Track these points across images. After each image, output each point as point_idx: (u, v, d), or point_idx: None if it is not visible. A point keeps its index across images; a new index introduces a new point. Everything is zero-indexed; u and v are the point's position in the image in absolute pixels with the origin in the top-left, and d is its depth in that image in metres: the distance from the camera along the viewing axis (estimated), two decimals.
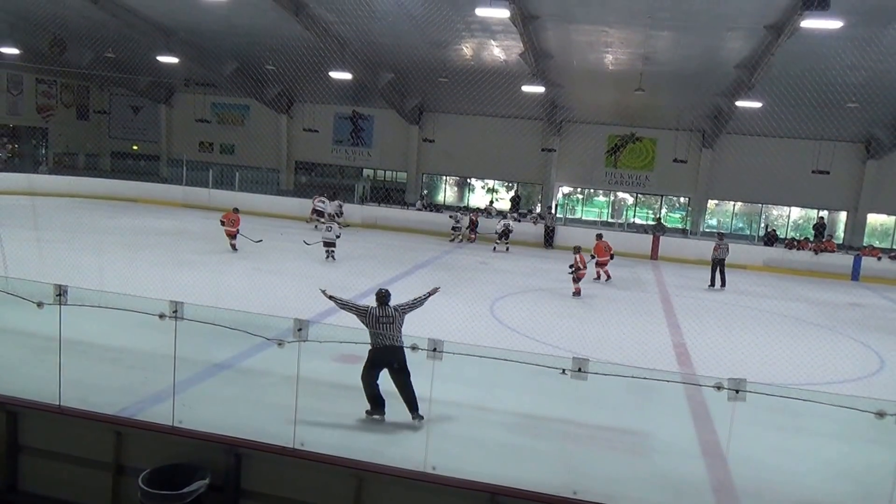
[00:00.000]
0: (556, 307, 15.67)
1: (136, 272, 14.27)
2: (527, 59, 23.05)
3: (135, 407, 7.06)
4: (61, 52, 29.36)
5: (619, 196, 32.90)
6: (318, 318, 11.61)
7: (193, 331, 6.46)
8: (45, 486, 6.34)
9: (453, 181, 35.48)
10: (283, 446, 6.01)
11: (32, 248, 14.31)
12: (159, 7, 24.59)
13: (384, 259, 20.21)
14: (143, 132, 37.95)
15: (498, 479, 5.74)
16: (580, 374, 5.85)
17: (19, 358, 8.61)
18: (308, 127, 32.76)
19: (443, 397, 7.36)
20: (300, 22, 22.85)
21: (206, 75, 31.05)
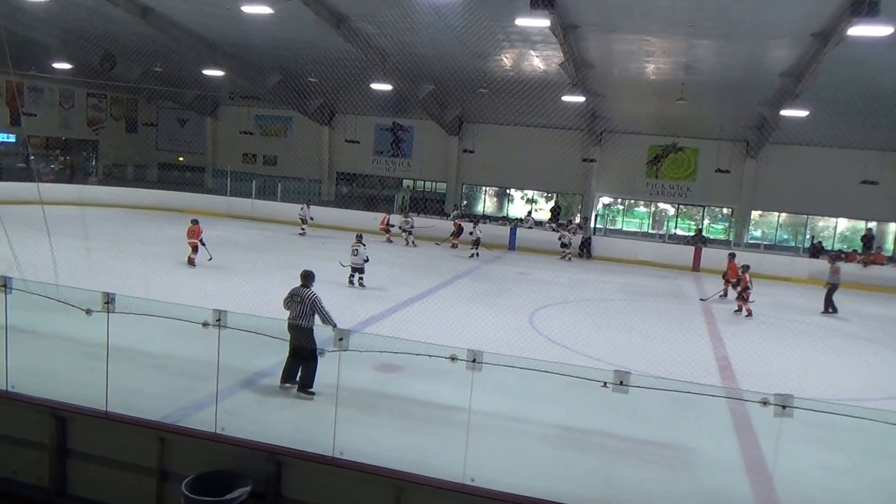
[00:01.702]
0: (597, 319, 15.52)
1: (181, 281, 14.57)
2: (567, 68, 22.96)
3: (178, 413, 7.18)
4: (111, 66, 30.21)
5: (660, 207, 32.51)
6: (358, 327, 11.73)
7: (236, 339, 6.56)
8: (92, 490, 6.47)
9: (493, 191, 35.48)
10: (323, 455, 6.04)
11: (82, 257, 14.67)
12: (205, 21, 25.13)
13: (424, 269, 20.27)
14: (189, 144, 38.78)
15: (537, 493, 5.68)
16: (622, 388, 5.77)
17: (68, 364, 8.84)
18: (349, 138, 33.14)
19: (482, 408, 7.32)
20: (341, 34, 23.13)
21: (250, 88, 31.61)
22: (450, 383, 7.60)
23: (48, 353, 9.25)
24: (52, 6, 20.81)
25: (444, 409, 8.37)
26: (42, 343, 9.29)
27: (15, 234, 10.79)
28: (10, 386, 6.82)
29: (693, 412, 8.41)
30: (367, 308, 13.75)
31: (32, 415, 6.57)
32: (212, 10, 23.29)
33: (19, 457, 6.63)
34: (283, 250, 21.99)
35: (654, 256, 24.49)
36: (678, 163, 30.49)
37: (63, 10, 22.62)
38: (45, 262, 10.47)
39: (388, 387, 9.27)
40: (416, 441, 7.58)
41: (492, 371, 6.07)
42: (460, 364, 6.03)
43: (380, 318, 13.43)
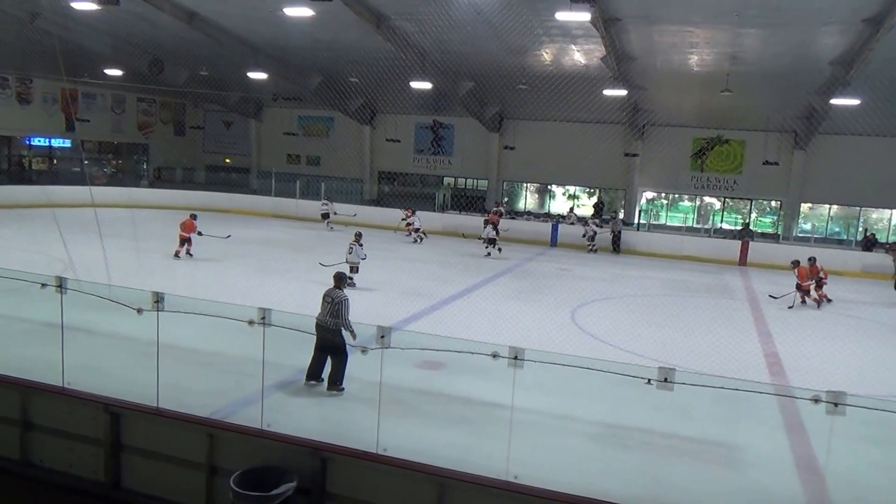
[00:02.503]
0: (641, 315, 15.33)
1: (228, 280, 14.85)
2: (608, 62, 22.72)
3: (226, 410, 7.33)
4: (159, 71, 30.91)
5: (705, 201, 31.93)
6: (400, 325, 11.80)
7: (281, 337, 6.67)
8: (145, 485, 6.65)
9: (534, 188, 35.32)
10: (367, 451, 6.11)
11: (132, 258, 15.08)
12: (248, 25, 25.52)
13: (465, 266, 20.30)
14: (234, 146, 39.48)
15: (581, 490, 5.66)
16: (666, 385, 5.71)
17: (121, 361, 9.09)
18: (390, 137, 33.31)
19: (525, 405, 7.33)
20: (381, 34, 23.27)
21: (292, 89, 32.00)
22: (492, 380, 7.60)
23: (102, 350, 9.52)
24: (102, 14, 21.32)
25: (486, 406, 8.38)
26: (95, 341, 9.56)
27: (70, 236, 11.17)
28: (66, 383, 7.05)
29: (742, 409, 8.28)
30: (409, 306, 13.82)
31: (88, 411, 6.79)
32: (254, 14, 23.65)
33: (76, 451, 6.85)
34: (325, 249, 22.16)
35: (699, 251, 24.04)
36: (724, 155, 29.89)
37: (112, 18, 23.17)
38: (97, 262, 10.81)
39: (430, 384, 9.31)
40: (458, 438, 7.60)
41: (534, 368, 6.07)
42: (502, 361, 6.03)
43: (422, 316, 13.49)
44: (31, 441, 7.06)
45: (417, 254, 22.76)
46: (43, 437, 7.03)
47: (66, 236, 11.00)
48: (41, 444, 7.03)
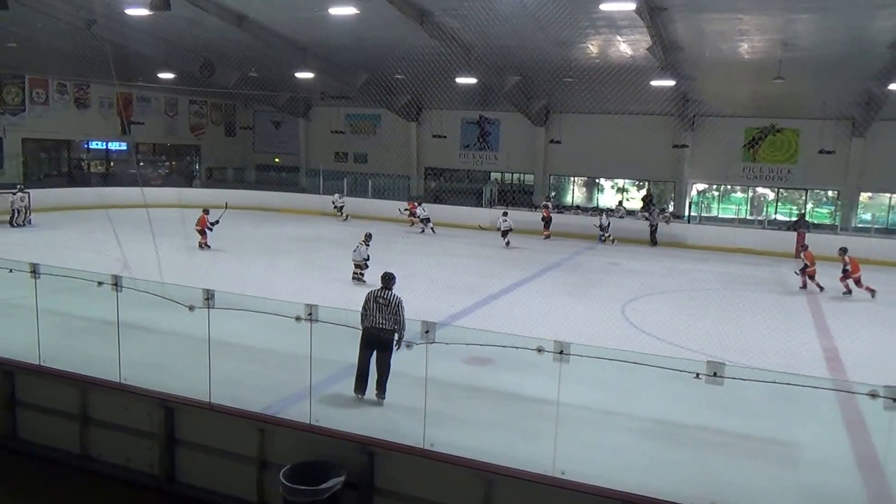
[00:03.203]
0: (693, 309, 15.02)
1: (276, 277, 15.08)
2: (655, 52, 22.33)
3: (276, 405, 7.43)
4: (210, 74, 31.53)
5: (758, 192, 31.15)
6: (446, 320, 11.81)
7: (328, 332, 6.74)
8: (198, 478, 6.81)
9: (581, 182, 34.98)
10: (414, 446, 6.14)
11: (184, 256, 15.42)
12: (294, 26, 25.84)
13: (513, 261, 20.22)
14: (283, 145, 40.05)
15: (630, 487, 5.59)
16: (715, 379, 5.59)
17: (174, 358, 9.30)
18: (436, 133, 33.35)
19: (571, 401, 7.25)
20: (425, 30, 23.30)
21: (339, 88, 32.31)
22: (541, 375, 7.52)
23: (156, 347, 9.75)
24: (155, 19, 21.84)
25: (533, 401, 8.31)
26: (150, 338, 9.80)
27: (125, 236, 11.48)
28: (122, 378, 7.26)
29: (798, 405, 8.03)
30: (457, 301, 13.82)
31: (143, 406, 6.98)
32: (301, 15, 23.92)
33: (132, 445, 7.04)
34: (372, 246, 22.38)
35: (752, 243, 23.44)
36: (777, 145, 29.11)
37: (165, 23, 23.73)
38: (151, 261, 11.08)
39: (477, 379, 9.29)
40: (505, 433, 7.57)
41: (582, 363, 6.00)
42: (549, 356, 5.99)
43: (469, 311, 13.48)
44: (90, 435, 7.28)
45: (464, 249, 22.76)
46: (101, 431, 7.25)
47: (121, 236, 11.30)
48: (99, 439, 7.26)
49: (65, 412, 7.41)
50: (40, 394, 7.64)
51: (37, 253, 15.94)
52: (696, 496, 5.95)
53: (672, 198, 31.62)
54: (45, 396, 7.61)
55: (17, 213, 22.80)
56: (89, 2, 22.63)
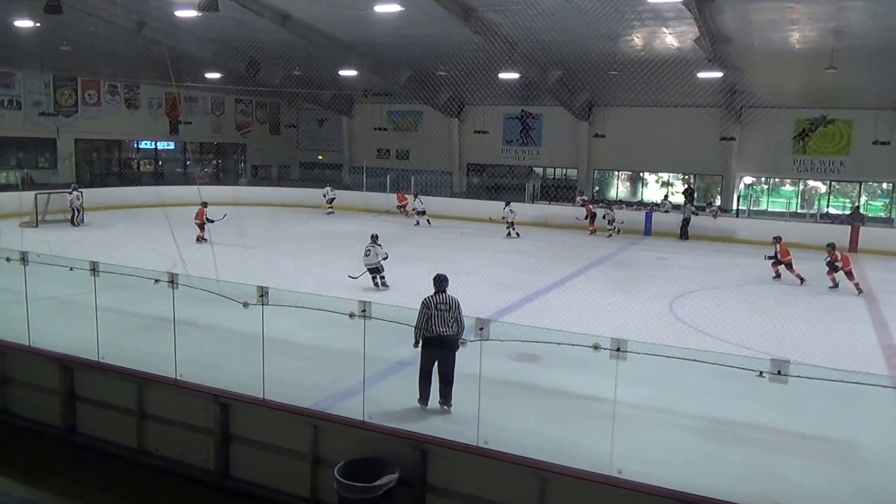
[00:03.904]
0: (744, 305, 14.70)
1: (327, 274, 15.20)
2: (702, 44, 21.91)
3: (328, 401, 7.49)
4: (256, 73, 31.99)
5: (809, 184, 30.36)
6: (497, 316, 11.78)
7: (380, 329, 6.76)
8: (253, 473, 6.88)
9: (625, 176, 34.55)
10: (467, 444, 6.12)
11: (239, 253, 15.63)
12: (338, 24, 26.00)
13: (557, 257, 20.06)
14: (327, 143, 40.39)
15: (688, 486, 5.49)
16: (780, 377, 5.44)
17: (228, 354, 9.43)
18: (478, 129, 33.27)
19: (625, 398, 7.15)
20: (469, 26, 23.24)
21: (382, 85, 32.44)
22: (591, 372, 7.48)
23: (210, 343, 9.91)
24: (202, 20, 22.18)
25: (585, 398, 8.25)
26: (204, 334, 9.97)
27: (179, 233, 11.70)
28: (178, 375, 7.38)
29: (858, 404, 7.78)
30: (504, 297, 13.78)
31: (198, 401, 7.08)
32: (345, 13, 24.06)
33: (188, 441, 7.15)
34: (416, 242, 22.48)
35: (804, 237, 22.72)
36: (829, 136, 28.34)
37: (212, 24, 24.09)
38: (205, 258, 11.27)
39: (527, 376, 9.24)
40: (558, 431, 7.51)
41: (633, 360, 5.91)
42: (601, 353, 5.91)
43: (517, 308, 13.43)
44: (147, 430, 7.42)
45: (510, 245, 22.68)
46: (157, 426, 7.38)
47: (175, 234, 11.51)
48: (156, 434, 7.38)
49: (122, 407, 7.55)
50: (99, 389, 7.79)
51: (93, 251, 16.38)
52: (755, 496, 5.82)
53: (719, 191, 31.01)
54: (103, 392, 7.76)
55: (75, 213, 23.45)
56: (140, 4, 23.09)
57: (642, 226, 26.43)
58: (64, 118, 30.81)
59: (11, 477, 6.88)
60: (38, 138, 30.31)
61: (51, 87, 30.40)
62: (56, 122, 30.24)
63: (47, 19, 20.60)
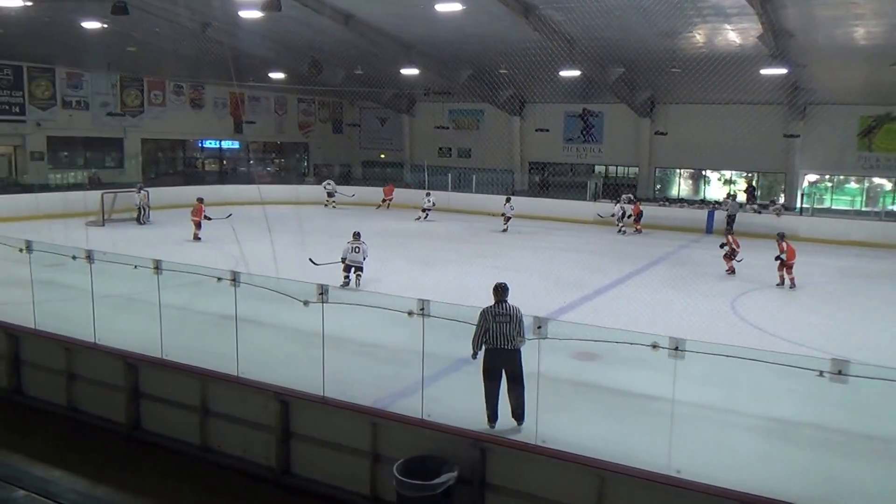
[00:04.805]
0: (806, 304, 14.27)
1: (387, 272, 15.30)
2: (765, 40, 21.36)
3: (387, 399, 7.52)
4: (318, 72, 32.40)
5: (874, 182, 29.25)
6: (554, 315, 11.66)
7: (439, 327, 6.76)
8: (313, 471, 6.92)
9: (687, 174, 33.82)
10: (526, 442, 6.08)
11: (299, 252, 15.85)
12: (400, 23, 26.18)
13: (618, 255, 19.76)
14: (388, 141, 40.71)
15: (749, 488, 5.36)
16: (840, 377, 5.26)
17: (289, 352, 9.55)
18: (539, 127, 33.04)
19: (685, 398, 7.00)
20: (530, 24, 23.09)
21: (443, 84, 32.48)
22: (649, 371, 7.33)
23: (271, 341, 10.02)
24: (265, 21, 22.57)
25: (644, 397, 8.10)
26: (265, 332, 10.12)
27: (241, 232, 11.93)
28: (240, 372, 7.49)
29: None
30: (563, 296, 13.63)
31: (259, 399, 7.16)
32: (407, 12, 24.20)
33: (249, 437, 7.23)
34: (480, 241, 22.45)
35: (868, 236, 21.95)
36: (894, 133, 27.33)
37: (274, 24, 24.52)
38: (266, 256, 11.47)
39: (586, 375, 9.13)
40: (617, 430, 7.40)
41: (693, 359, 5.79)
42: (660, 352, 5.81)
43: (576, 306, 13.28)
44: (210, 427, 7.50)
45: (569, 243, 22.45)
46: (220, 423, 7.44)
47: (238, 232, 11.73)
48: (218, 430, 7.44)
49: (186, 404, 7.60)
50: (163, 386, 7.87)
51: (157, 249, 16.89)
52: (817, 498, 5.65)
53: (783, 189, 30.09)
54: (167, 389, 7.83)
55: (141, 211, 24.09)
56: (204, 5, 23.61)
57: (704, 224, 25.80)
58: (130, 118, 31.59)
59: (77, 472, 6.99)
60: (105, 138, 31.15)
61: (118, 88, 31.18)
62: (123, 121, 30.98)
63: (114, 20, 21.04)
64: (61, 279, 10.38)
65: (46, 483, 6.54)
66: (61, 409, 8.46)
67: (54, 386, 8.59)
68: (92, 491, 6.72)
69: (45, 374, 8.75)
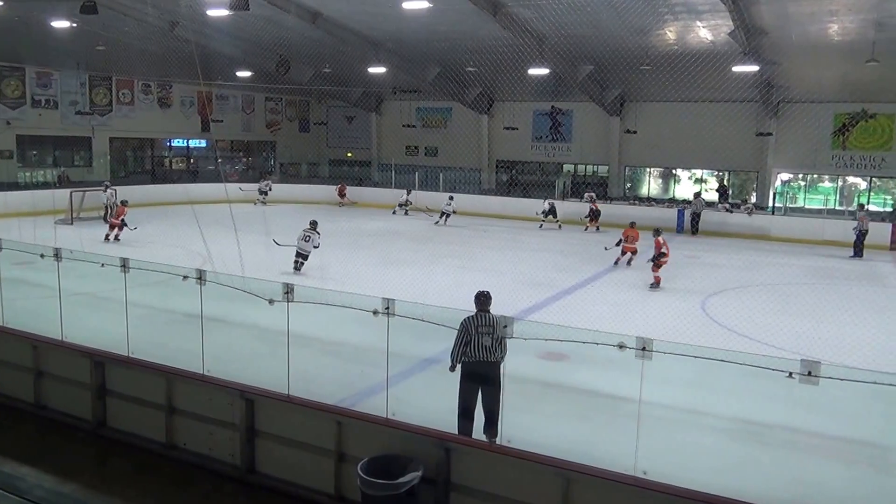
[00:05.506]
0: (778, 304, 14.37)
1: (353, 271, 15.23)
2: (737, 37, 21.54)
3: (352, 398, 7.49)
4: (286, 71, 32.20)
5: (848, 181, 29.66)
6: (521, 315, 11.68)
7: (404, 326, 6.72)
8: (278, 469, 6.89)
9: (657, 172, 34.13)
10: (491, 442, 6.06)
11: (264, 251, 15.74)
12: (368, 21, 26.09)
13: (586, 255, 19.87)
14: (356, 140, 40.58)
15: (716, 489, 5.35)
16: (810, 379, 5.28)
17: (254, 350, 9.50)
18: (508, 125, 33.12)
19: (653, 399, 7.04)
20: (498, 22, 23.14)
21: (411, 82, 32.44)
22: (617, 372, 7.36)
23: (236, 339, 9.98)
24: (233, 18, 22.38)
25: (612, 398, 8.14)
26: (231, 330, 10.03)
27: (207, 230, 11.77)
28: (205, 370, 7.43)
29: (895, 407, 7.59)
30: (531, 295, 13.67)
31: (225, 397, 7.10)
32: (374, 10, 24.13)
33: (214, 436, 7.18)
34: (445, 240, 22.45)
35: (843, 235, 22.23)
36: (870, 131, 27.66)
37: (242, 22, 24.32)
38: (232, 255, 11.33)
39: (553, 375, 9.15)
40: (583, 431, 7.42)
41: (661, 360, 5.80)
42: (628, 353, 5.80)
43: (543, 306, 13.32)
44: (175, 425, 7.47)
45: (538, 243, 22.54)
46: (185, 421, 7.41)
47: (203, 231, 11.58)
48: (184, 428, 7.41)
49: (151, 402, 7.59)
50: (129, 384, 7.84)
51: (124, 248, 16.62)
52: (785, 500, 5.68)
53: (755, 188, 30.50)
54: (133, 386, 7.81)
55: (108, 210, 23.72)
56: (172, 4, 23.38)
57: (674, 223, 26.06)
58: (99, 117, 31.43)
59: (44, 470, 6.99)
60: (74, 137, 31.00)
61: (87, 87, 31.03)
62: (91, 120, 30.81)
63: (83, 20, 20.97)
64: (30, 277, 10.36)
65: (14, 480, 6.54)
66: (28, 406, 8.38)
67: (22, 383, 8.51)
68: (59, 488, 6.68)
69: (12, 371, 8.66)
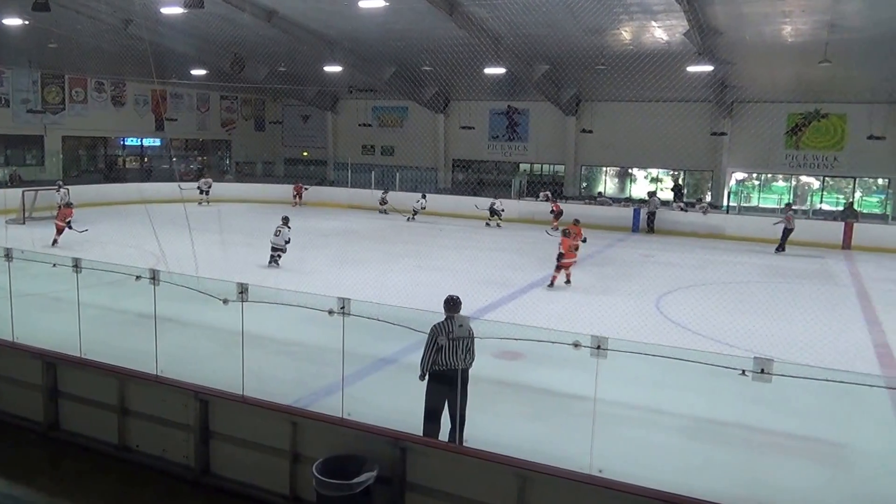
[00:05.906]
0: (733, 303, 14.58)
1: (309, 271, 15.14)
2: (692, 37, 21.86)
3: (307, 398, 7.44)
4: (240, 69, 31.84)
5: (802, 180, 30.38)
6: (477, 314, 11.71)
7: (360, 326, 6.71)
8: (233, 470, 6.82)
9: (613, 172, 34.58)
10: (447, 442, 6.08)
11: (218, 250, 15.54)
12: (324, 20, 25.89)
13: (541, 255, 20.01)
14: (312, 139, 40.26)
15: (671, 487, 5.42)
16: (763, 376, 5.39)
17: (209, 350, 9.38)
18: (464, 124, 33.20)
19: (608, 397, 7.12)
20: (454, 21, 23.15)
21: (367, 81, 32.32)
22: (573, 371, 7.40)
23: (191, 339, 9.84)
24: (188, 16, 22.02)
25: (568, 397, 8.22)
26: (185, 331, 9.89)
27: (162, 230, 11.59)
28: (159, 371, 7.33)
29: (849, 405, 7.75)
30: (486, 294, 13.74)
31: (179, 398, 7.01)
32: (330, 8, 23.96)
33: (168, 437, 7.09)
34: (401, 239, 22.45)
35: (796, 234, 22.78)
36: (822, 131, 28.25)
37: (197, 20, 23.95)
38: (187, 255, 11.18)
39: (508, 374, 9.21)
40: (539, 430, 7.48)
41: (617, 359, 5.88)
42: (583, 351, 5.86)
43: (499, 305, 13.39)
44: (128, 426, 7.35)
45: (494, 242, 22.66)
46: (139, 422, 7.30)
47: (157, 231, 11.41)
48: (137, 430, 7.30)
49: (104, 403, 7.49)
50: (81, 385, 7.72)
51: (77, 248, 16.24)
52: (741, 498, 5.79)
53: (709, 187, 31.07)
54: (85, 388, 7.69)
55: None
56: (126, 2, 22.98)
57: (630, 223, 26.46)
58: (51, 115, 30.78)
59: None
60: (25, 135, 30.36)
61: (39, 85, 30.37)
62: (44, 119, 30.23)
63: (35, 17, 20.60)
64: None
65: None
66: None
67: None
68: (9, 490, 6.56)
69: None
